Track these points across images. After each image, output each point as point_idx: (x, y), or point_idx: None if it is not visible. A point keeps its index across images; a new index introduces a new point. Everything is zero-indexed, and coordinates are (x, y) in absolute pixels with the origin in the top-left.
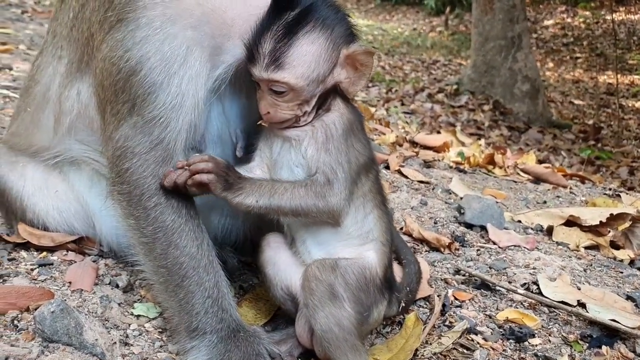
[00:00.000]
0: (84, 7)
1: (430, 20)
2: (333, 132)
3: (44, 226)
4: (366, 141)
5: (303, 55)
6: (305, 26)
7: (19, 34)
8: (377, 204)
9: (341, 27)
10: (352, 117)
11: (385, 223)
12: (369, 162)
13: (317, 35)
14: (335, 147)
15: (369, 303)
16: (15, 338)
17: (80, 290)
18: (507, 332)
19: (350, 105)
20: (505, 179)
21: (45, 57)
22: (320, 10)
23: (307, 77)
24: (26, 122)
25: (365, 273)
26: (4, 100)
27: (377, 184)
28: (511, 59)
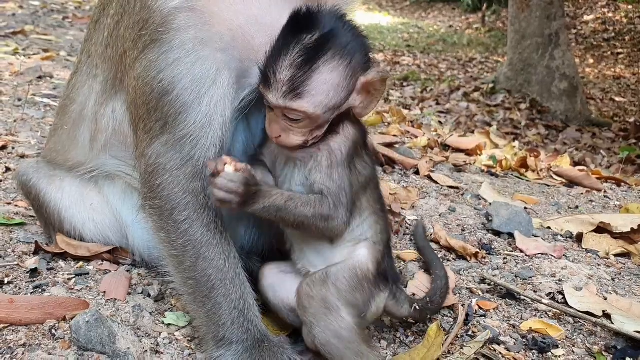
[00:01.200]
0: (118, 25)
1: (466, 18)
2: (338, 158)
3: (81, 237)
4: (368, 157)
5: (322, 84)
6: (326, 54)
7: (60, 40)
8: (373, 211)
9: (360, 54)
10: (357, 137)
11: (380, 226)
12: (369, 177)
13: (337, 64)
14: (339, 174)
15: (365, 300)
16: (52, 347)
17: (114, 299)
18: (530, 343)
19: (357, 123)
20: (537, 183)
21: (80, 77)
22: (340, 36)
23: (325, 106)
24: (63, 139)
25: (356, 272)
26: (45, 109)
27: (376, 192)
28: (548, 57)
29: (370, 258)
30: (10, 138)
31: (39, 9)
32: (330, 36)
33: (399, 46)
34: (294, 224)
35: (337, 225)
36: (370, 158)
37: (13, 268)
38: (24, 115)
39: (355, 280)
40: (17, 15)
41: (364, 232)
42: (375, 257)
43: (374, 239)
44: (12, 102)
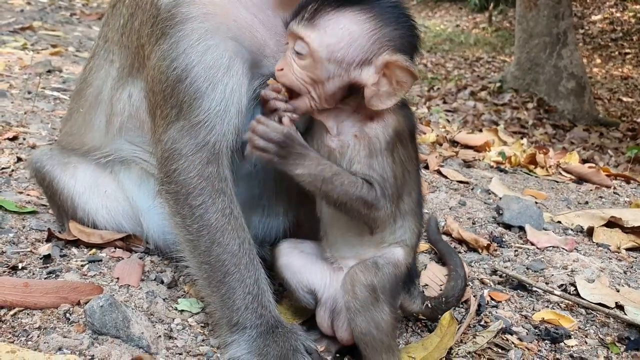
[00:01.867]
0: (132, 17)
1: (473, 17)
2: (377, 147)
3: (94, 224)
4: (414, 152)
5: (339, 28)
6: (360, 5)
7: (68, 36)
8: (415, 214)
9: (397, 32)
10: (400, 127)
11: (417, 230)
12: (415, 174)
13: (365, 19)
14: (379, 163)
15: (398, 297)
16: (67, 330)
17: (127, 285)
18: (542, 333)
19: (403, 111)
20: (546, 179)
21: (97, 60)
22: (385, 4)
23: (331, 52)
24: (79, 122)
25: (396, 271)
26: (55, 102)
27: (419, 194)
28: (556, 56)
29: (405, 260)
30: (21, 129)
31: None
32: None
33: None
34: (337, 203)
35: (381, 216)
36: (417, 154)
37: (26, 254)
38: (34, 107)
39: (394, 279)
40: (25, 11)
41: (403, 234)
42: (408, 260)
43: (410, 242)
44: (22, 95)
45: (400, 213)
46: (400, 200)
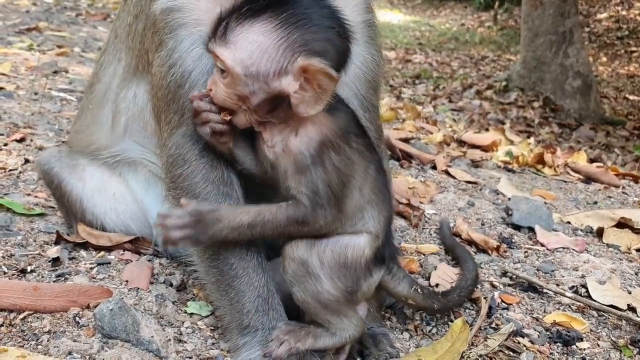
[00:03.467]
0: (137, 19)
1: (478, 16)
2: (303, 163)
3: (102, 227)
4: (359, 151)
5: (248, 42)
6: (267, 13)
7: (74, 36)
8: (375, 203)
9: (311, 35)
10: (327, 136)
11: (384, 216)
12: (361, 173)
13: (272, 28)
14: (307, 177)
15: (354, 279)
16: (77, 334)
17: (136, 288)
18: (554, 336)
19: (335, 114)
20: (554, 179)
21: (107, 56)
22: (298, 7)
23: (245, 67)
24: (88, 119)
25: (347, 254)
26: (62, 103)
27: (377, 181)
28: (562, 55)
29: (368, 246)
30: (28, 130)
31: (52, 5)
32: (287, 2)
33: (410, 44)
34: (275, 235)
35: (322, 224)
36: (365, 147)
37: (35, 257)
38: (41, 108)
39: (343, 260)
40: (31, 12)
41: (365, 224)
42: (374, 247)
43: (375, 229)
44: (28, 96)
45: (353, 210)
46: (346, 201)
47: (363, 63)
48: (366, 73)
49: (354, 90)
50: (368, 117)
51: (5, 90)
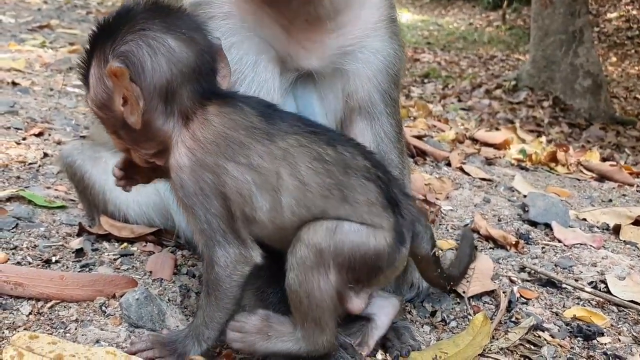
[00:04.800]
0: None
1: (487, 15)
2: (185, 191)
3: (125, 219)
4: (261, 144)
5: (90, 77)
6: (94, 42)
7: (85, 34)
8: (343, 193)
9: (110, 40)
10: (195, 154)
11: (371, 196)
12: (285, 176)
13: (94, 51)
14: (192, 208)
15: (369, 272)
16: (104, 322)
17: (160, 279)
18: (574, 330)
19: (201, 127)
20: (568, 177)
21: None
22: (109, 22)
23: (94, 101)
24: None
25: (366, 254)
26: (77, 98)
27: (326, 171)
28: (572, 54)
29: (379, 245)
30: (46, 125)
31: (62, 4)
32: (105, 23)
33: (418, 43)
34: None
35: (226, 265)
36: (271, 138)
37: (58, 248)
38: (57, 104)
39: (360, 258)
40: (43, 10)
41: (350, 214)
42: (384, 243)
43: (371, 220)
44: (44, 92)
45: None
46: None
47: (386, 57)
48: (388, 67)
49: (376, 84)
50: (389, 110)
51: (21, 86)
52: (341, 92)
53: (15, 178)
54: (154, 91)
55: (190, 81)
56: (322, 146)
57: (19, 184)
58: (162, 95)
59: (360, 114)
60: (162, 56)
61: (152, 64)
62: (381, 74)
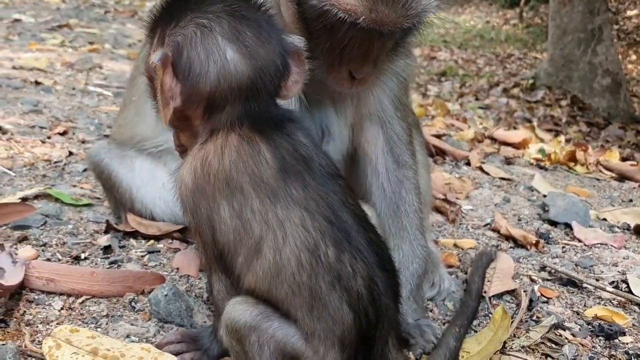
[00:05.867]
0: None
1: (503, 13)
2: (183, 201)
3: (151, 216)
4: (259, 201)
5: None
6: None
7: (104, 33)
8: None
9: (173, 19)
10: (214, 173)
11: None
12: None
13: (160, 20)
14: (188, 221)
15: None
16: (134, 318)
17: (187, 276)
18: (596, 329)
19: (235, 149)
20: (587, 177)
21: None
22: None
23: (145, 68)
24: (131, 112)
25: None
26: (99, 98)
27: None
28: (591, 53)
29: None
30: (70, 124)
31: (80, 3)
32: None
33: (435, 41)
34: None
35: (218, 291)
36: (277, 182)
37: (87, 245)
38: (80, 103)
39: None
40: (62, 9)
41: (302, 322)
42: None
43: (316, 344)
44: (66, 91)
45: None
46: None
47: (394, 63)
48: (397, 73)
49: (385, 89)
50: (399, 114)
51: (43, 85)
52: (353, 97)
53: (42, 176)
54: (194, 95)
55: (234, 100)
56: (326, 242)
57: (46, 182)
58: (202, 102)
59: (371, 120)
60: (214, 65)
61: (201, 69)
62: (390, 79)
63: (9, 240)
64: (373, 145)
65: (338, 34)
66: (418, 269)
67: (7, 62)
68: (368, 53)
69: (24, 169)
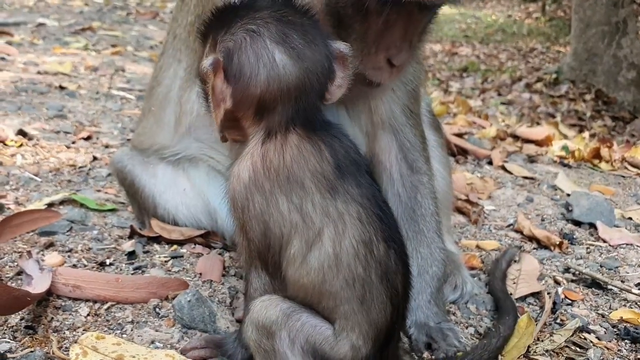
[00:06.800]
0: (199, 19)
1: (526, 7)
2: (235, 196)
3: (174, 221)
4: (320, 195)
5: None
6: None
7: (126, 35)
8: (355, 302)
9: (225, 26)
10: (257, 171)
11: (371, 323)
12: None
13: (212, 28)
14: (235, 217)
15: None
16: (158, 324)
17: (210, 281)
18: (622, 332)
19: (296, 147)
20: (612, 174)
21: (166, 59)
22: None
23: (197, 71)
24: (150, 121)
25: (323, 347)
26: (122, 101)
27: (362, 270)
28: (615, 46)
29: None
30: (93, 129)
31: (103, 5)
32: (231, 6)
33: (456, 36)
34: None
35: (255, 289)
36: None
37: (111, 251)
38: (104, 107)
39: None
40: (84, 12)
41: (349, 315)
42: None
43: (355, 336)
44: (90, 95)
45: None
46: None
47: (404, 74)
48: (406, 83)
49: (395, 98)
50: (411, 122)
51: (68, 90)
52: (364, 106)
53: (67, 181)
54: (245, 98)
55: (284, 101)
56: (377, 237)
57: (71, 187)
58: (253, 104)
59: (384, 128)
60: (264, 67)
61: (252, 72)
62: (400, 89)
63: (36, 246)
64: (387, 153)
65: (375, 17)
66: (437, 271)
67: (32, 67)
68: (405, 35)
69: (49, 174)
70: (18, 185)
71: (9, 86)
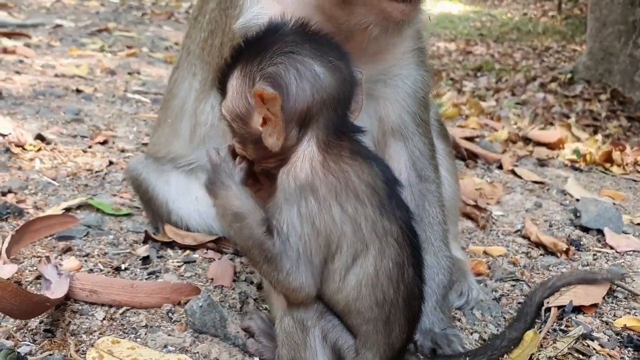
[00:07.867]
0: (213, 35)
1: (541, 5)
2: (280, 196)
3: (187, 227)
4: (372, 210)
5: (231, 86)
6: (241, 56)
7: (141, 36)
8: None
9: (262, 62)
10: (311, 177)
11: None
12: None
13: (241, 66)
14: (283, 214)
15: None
16: (171, 328)
17: (221, 286)
18: (625, 340)
19: (352, 157)
20: (623, 178)
21: (181, 72)
22: (260, 39)
23: (230, 111)
24: (166, 132)
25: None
26: (137, 105)
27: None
28: (632, 45)
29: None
30: (109, 133)
31: (118, 6)
32: (254, 39)
33: (470, 35)
34: (242, 248)
35: (291, 283)
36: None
37: (126, 255)
38: (119, 111)
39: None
40: (100, 13)
41: (369, 334)
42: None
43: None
44: (106, 99)
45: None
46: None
47: (413, 83)
48: (416, 91)
49: (405, 106)
50: (421, 130)
51: (84, 93)
52: (374, 114)
53: (84, 186)
54: (294, 116)
55: (328, 109)
56: (409, 261)
57: (87, 192)
58: (300, 119)
59: (394, 136)
60: (307, 82)
61: (297, 89)
62: (409, 97)
63: (54, 251)
64: (396, 161)
65: None
66: (443, 279)
67: (49, 69)
68: None
69: (67, 178)
70: (37, 190)
71: (28, 90)
